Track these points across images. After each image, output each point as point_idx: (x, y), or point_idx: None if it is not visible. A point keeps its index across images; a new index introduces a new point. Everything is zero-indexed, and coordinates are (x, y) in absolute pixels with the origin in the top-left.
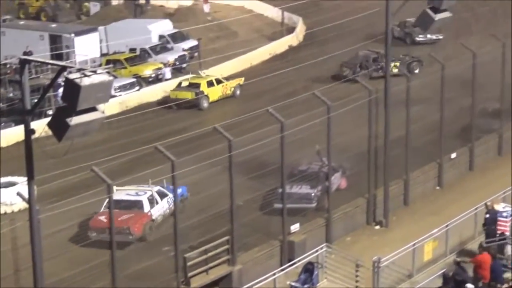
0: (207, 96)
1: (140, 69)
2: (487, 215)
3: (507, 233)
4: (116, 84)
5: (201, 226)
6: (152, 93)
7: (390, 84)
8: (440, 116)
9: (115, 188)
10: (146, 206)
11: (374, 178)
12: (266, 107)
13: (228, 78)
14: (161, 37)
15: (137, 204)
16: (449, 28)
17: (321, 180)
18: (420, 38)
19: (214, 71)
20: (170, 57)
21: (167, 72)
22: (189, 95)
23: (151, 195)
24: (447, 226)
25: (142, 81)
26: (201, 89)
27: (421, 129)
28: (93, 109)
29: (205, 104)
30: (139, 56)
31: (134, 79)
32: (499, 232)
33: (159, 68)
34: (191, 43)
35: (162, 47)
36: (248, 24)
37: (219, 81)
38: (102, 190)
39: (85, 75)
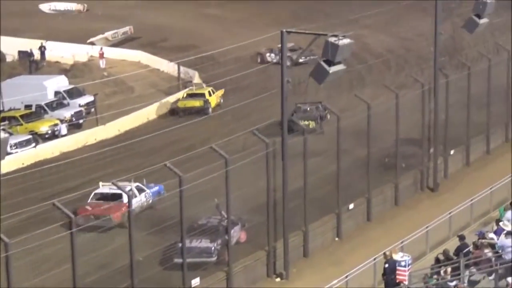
0: (210, 103)
1: (36, 125)
2: (386, 265)
3: (405, 282)
4: (12, 141)
5: (101, 283)
6: (49, 150)
7: (286, 136)
8: (337, 167)
9: (100, 183)
10: (125, 198)
11: (273, 230)
12: (164, 161)
13: (214, 90)
14: (57, 93)
15: (118, 197)
16: (343, 80)
17: (221, 233)
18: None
19: (111, 127)
20: (67, 113)
21: (63, 128)
22: (198, 103)
23: (130, 189)
24: (346, 276)
25: (39, 138)
26: (206, 97)
27: (319, 181)
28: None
29: (209, 110)
30: (35, 113)
31: (30, 136)
32: (398, 281)
33: (56, 124)
34: (87, 98)
35: (58, 103)
36: (144, 79)
37: (213, 91)
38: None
39: None
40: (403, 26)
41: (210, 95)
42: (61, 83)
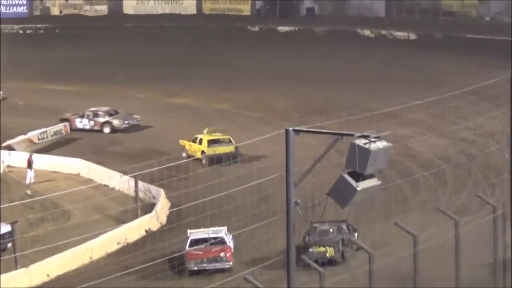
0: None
1: None
2: None
3: None
4: None
5: None
6: None
7: None
8: None
9: (188, 231)
10: (227, 241)
11: None
12: None
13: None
14: None
15: (220, 240)
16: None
17: None
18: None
19: (37, 270)
20: None
21: None
22: (229, 149)
23: (225, 233)
24: None
25: None
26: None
27: None
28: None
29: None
30: None
31: None
32: None
33: None
34: (3, 228)
35: None
36: (86, 199)
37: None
38: None
39: None
40: (464, 121)
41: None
42: None
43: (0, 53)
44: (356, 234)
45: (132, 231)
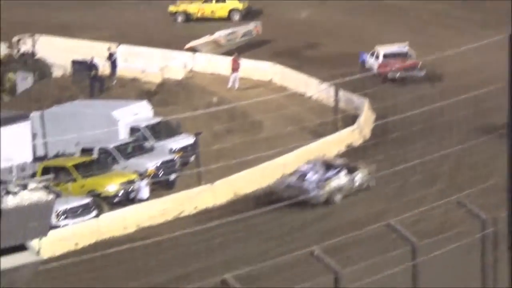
0: None
1: (99, 182)
2: None
3: None
4: (60, 207)
5: None
6: (119, 223)
7: None
8: None
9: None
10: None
11: None
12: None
13: None
14: (134, 130)
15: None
16: None
17: None
18: None
19: (222, 187)
20: (150, 164)
21: (144, 188)
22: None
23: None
24: None
25: (103, 202)
26: None
27: None
28: (22, 247)
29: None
30: (97, 161)
31: (89, 199)
32: None
33: (131, 181)
34: (185, 140)
35: (136, 146)
36: (280, 109)
37: None
38: None
39: (8, 193)
40: None
41: None
42: (141, 113)
43: None
44: None
45: (331, 145)
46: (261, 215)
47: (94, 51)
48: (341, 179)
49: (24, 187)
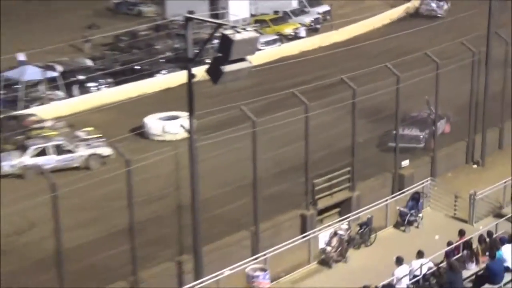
0: None
1: (281, 28)
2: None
3: None
4: (262, 40)
5: (327, 159)
6: (291, 48)
7: (491, 45)
8: None
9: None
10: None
11: (473, 125)
12: (385, 63)
13: None
14: (300, 1)
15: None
16: None
17: (429, 125)
18: None
19: (343, 32)
20: (307, 19)
21: (303, 31)
22: None
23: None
24: None
25: (283, 38)
26: None
27: None
28: (243, 59)
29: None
30: (281, 18)
31: (277, 37)
32: None
33: (297, 28)
34: (325, 8)
35: (300, 10)
36: None
37: None
38: (248, 126)
39: (237, 32)
40: None
41: None
42: None
43: None
44: None
45: (398, 12)
46: None
47: None
48: None
49: (245, 29)
